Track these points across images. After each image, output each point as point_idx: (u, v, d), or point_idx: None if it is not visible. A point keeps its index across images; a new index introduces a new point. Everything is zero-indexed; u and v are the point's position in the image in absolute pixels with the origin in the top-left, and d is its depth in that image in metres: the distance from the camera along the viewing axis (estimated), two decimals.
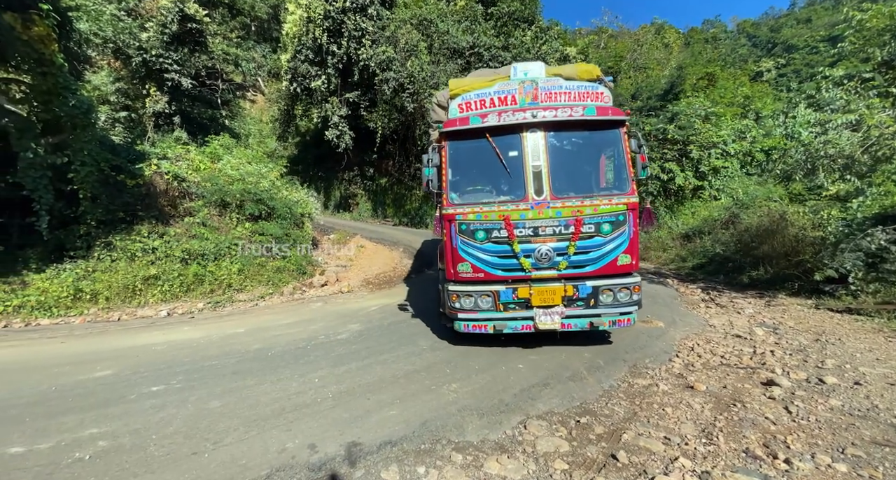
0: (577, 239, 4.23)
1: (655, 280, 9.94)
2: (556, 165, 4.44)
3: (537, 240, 4.29)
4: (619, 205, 4.25)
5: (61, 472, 2.69)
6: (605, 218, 4.24)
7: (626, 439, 2.98)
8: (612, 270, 4.30)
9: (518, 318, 4.44)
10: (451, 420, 3.29)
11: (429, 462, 2.75)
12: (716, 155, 15.17)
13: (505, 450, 2.88)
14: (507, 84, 4.74)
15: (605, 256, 4.28)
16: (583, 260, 4.30)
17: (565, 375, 4.16)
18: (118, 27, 13.36)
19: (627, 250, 4.28)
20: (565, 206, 4.26)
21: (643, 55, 32.38)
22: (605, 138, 4.58)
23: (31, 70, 7.86)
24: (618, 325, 4.39)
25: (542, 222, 4.27)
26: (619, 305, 4.35)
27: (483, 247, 4.42)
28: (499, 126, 4.43)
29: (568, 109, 4.35)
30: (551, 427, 3.18)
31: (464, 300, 4.50)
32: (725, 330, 5.75)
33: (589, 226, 4.25)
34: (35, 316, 6.89)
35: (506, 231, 4.29)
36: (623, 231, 4.26)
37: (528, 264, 4.30)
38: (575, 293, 4.33)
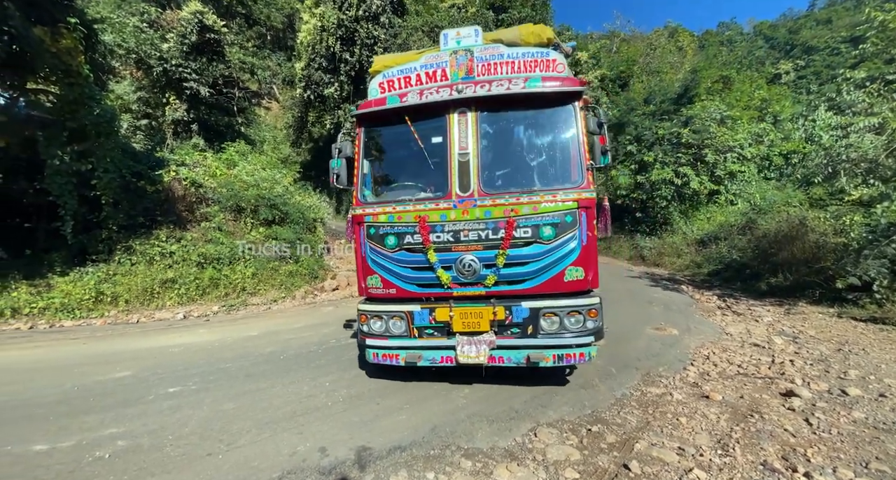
0: (507, 246, 3.37)
1: (669, 286, 9.77)
2: (489, 153, 3.66)
3: (459, 247, 3.49)
4: (567, 203, 3.35)
5: (82, 470, 2.77)
6: (546, 219, 3.35)
7: (638, 449, 2.93)
8: (558, 288, 3.41)
9: (436, 347, 3.60)
10: (460, 427, 3.28)
11: (438, 468, 2.75)
12: (732, 159, 14.89)
13: (515, 458, 2.86)
14: (436, 56, 3.85)
15: (548, 269, 3.39)
16: (517, 273, 3.45)
17: (576, 382, 4.11)
18: (140, 38, 13.84)
19: (579, 261, 3.36)
20: (496, 205, 3.44)
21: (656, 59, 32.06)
22: (554, 117, 3.64)
23: (58, 81, 8.21)
24: (566, 362, 3.39)
25: (466, 225, 3.48)
26: (567, 334, 3.40)
27: (395, 257, 3.65)
28: (420, 106, 3.63)
29: (505, 82, 3.50)
30: (562, 435, 3.15)
31: (373, 322, 3.73)
32: (742, 338, 5.61)
33: (525, 230, 3.39)
34: (59, 318, 7.12)
35: (420, 236, 3.52)
36: (572, 236, 3.35)
37: (447, 278, 3.51)
38: (508, 317, 3.46)
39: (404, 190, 3.91)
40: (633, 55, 32.35)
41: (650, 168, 15.49)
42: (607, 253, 17.05)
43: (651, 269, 12.97)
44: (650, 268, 13.21)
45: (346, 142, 3.93)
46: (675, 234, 14.67)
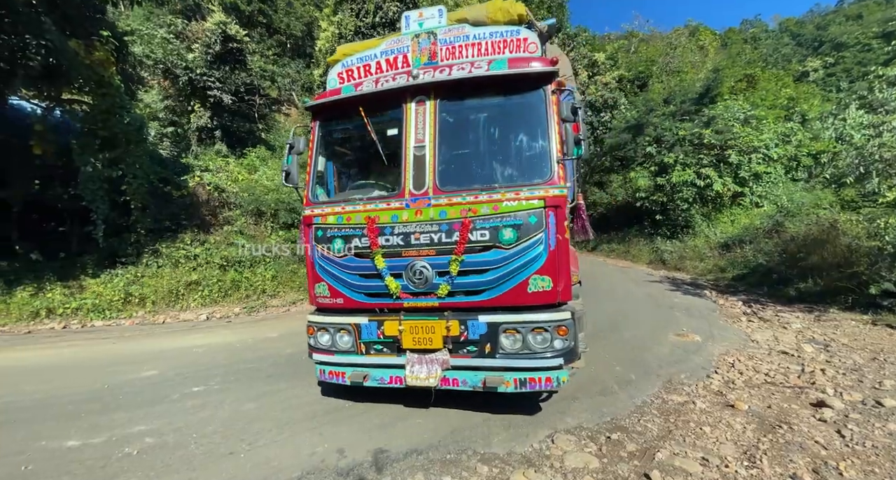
0: (462, 251, 2.99)
1: (691, 291, 9.52)
2: (449, 146, 3.29)
3: (410, 252, 3.14)
4: (531, 201, 2.95)
5: (112, 466, 2.88)
6: (507, 220, 2.95)
7: (660, 458, 2.86)
8: (521, 300, 2.99)
9: (384, 366, 3.28)
10: (476, 431, 3.27)
11: (454, 473, 2.75)
12: (757, 160, 14.44)
13: (532, 464, 2.83)
14: (397, 41, 3.53)
15: (509, 278, 2.97)
16: (474, 283, 3.05)
17: (595, 389, 4.05)
18: (167, 49, 14.41)
19: (545, 269, 2.91)
20: (452, 204, 3.05)
21: (676, 58, 31.39)
22: (523, 103, 3.24)
23: (92, 91, 8.62)
24: (529, 387, 2.99)
25: (418, 226, 3.11)
26: (531, 356, 2.97)
27: (342, 263, 3.32)
28: (375, 95, 3.32)
29: (467, 66, 3.16)
30: (580, 442, 3.10)
31: (320, 335, 3.43)
32: (770, 345, 5.42)
33: (482, 233, 2.99)
34: (90, 318, 7.43)
35: (368, 239, 3.21)
36: (536, 240, 2.92)
37: (395, 287, 3.15)
38: (463, 333, 3.06)
39: (360, 189, 3.63)
40: (652, 55, 31.79)
41: (670, 169, 15.15)
42: (626, 257, 16.74)
43: (672, 273, 12.66)
44: (671, 273, 12.89)
45: (300, 138, 3.61)
46: (697, 237, 14.29)
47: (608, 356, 5.03)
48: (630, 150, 20.32)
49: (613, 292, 9.56)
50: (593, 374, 4.42)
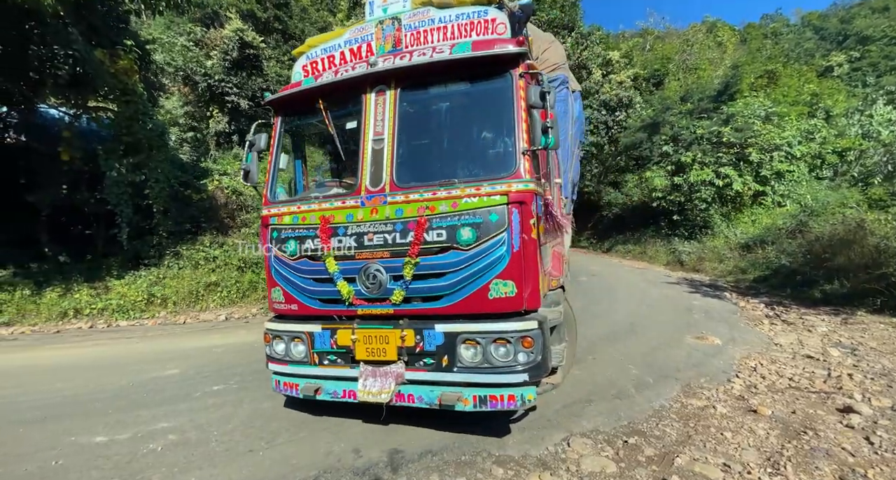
0: (416, 252, 2.76)
1: (711, 293, 9.30)
2: (409, 139, 3.11)
3: (363, 254, 2.93)
4: (492, 197, 2.69)
5: (138, 462, 2.98)
6: (465, 218, 2.71)
7: (679, 463, 2.81)
8: (480, 307, 2.72)
9: (337, 378, 3.07)
10: (490, 433, 3.26)
11: (469, 474, 2.75)
12: (779, 158, 14.04)
13: (547, 467, 2.81)
14: (361, 29, 3.36)
15: (468, 283, 2.71)
16: (430, 288, 2.80)
17: (611, 392, 4.00)
18: (187, 56, 14.83)
19: (508, 273, 2.65)
20: (409, 201, 2.84)
21: (693, 55, 30.76)
22: (489, 90, 3.00)
23: (116, 99, 8.92)
24: (490, 406, 2.71)
25: (372, 226, 2.91)
26: (492, 370, 2.69)
27: (296, 266, 3.15)
28: (334, 86, 3.15)
29: (428, 51, 2.96)
30: (596, 445, 3.07)
31: (275, 343, 3.28)
32: (794, 349, 5.26)
33: (439, 233, 2.75)
34: (115, 318, 7.68)
35: (320, 240, 3.02)
36: (497, 240, 2.66)
37: (348, 292, 2.94)
38: (418, 343, 2.81)
39: (321, 187, 3.48)
40: (668, 53, 31.23)
41: (688, 169, 14.85)
42: (642, 258, 16.46)
43: (690, 275, 12.39)
44: (689, 274, 12.62)
45: (261, 135, 3.46)
46: (717, 238, 13.96)
47: (624, 358, 4.95)
48: (646, 150, 20.00)
49: (629, 293, 9.41)
50: (609, 377, 4.36)
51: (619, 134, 22.30)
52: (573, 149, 6.03)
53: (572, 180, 6.52)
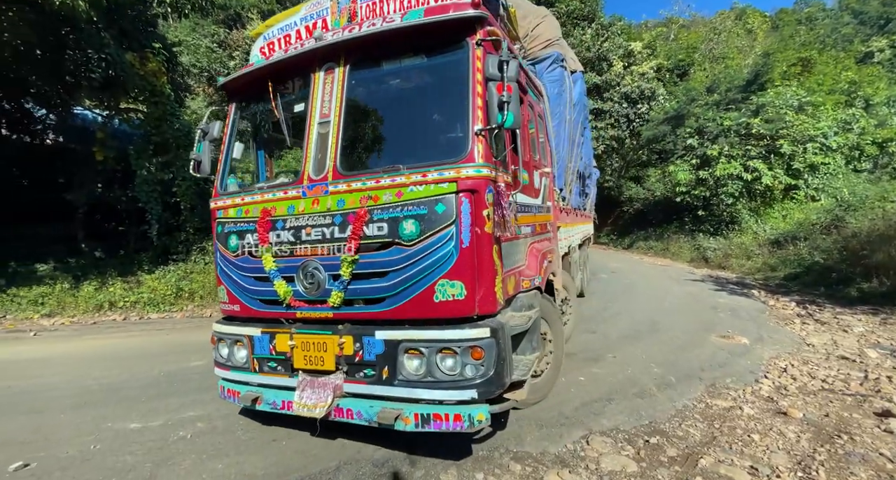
0: (354, 248, 2.47)
1: (737, 290, 9.00)
2: (355, 121, 2.83)
3: (301, 250, 2.66)
4: (440, 185, 2.36)
5: (169, 448, 3.11)
6: (409, 210, 2.40)
7: (703, 465, 2.74)
8: (426, 311, 2.41)
9: (277, 387, 2.83)
10: (508, 429, 3.25)
11: (487, 469, 2.75)
12: (813, 150, 13.40)
13: (566, 465, 2.79)
14: (317, 3, 3.10)
15: (411, 284, 2.39)
16: (371, 289, 2.50)
17: (631, 391, 3.92)
18: (211, 57, 15.26)
19: (456, 273, 2.32)
20: (351, 190, 2.54)
21: (721, 44, 29.54)
22: (444, 63, 2.68)
23: (146, 100, 9.26)
24: (434, 426, 2.37)
25: (310, 219, 2.64)
26: (436, 385, 2.37)
27: (237, 262, 2.94)
28: (282, 65, 2.90)
29: (378, 21, 2.68)
30: (616, 444, 3.02)
31: (220, 346, 3.07)
32: (828, 350, 5.03)
33: (379, 226, 2.45)
34: (147, 311, 8.02)
35: (258, 234, 2.82)
36: (444, 234, 2.33)
37: (285, 292, 2.69)
38: (358, 352, 2.52)
39: (279, 177, 3.30)
40: (694, 42, 30.12)
41: (714, 162, 14.35)
42: (665, 255, 16.07)
43: (715, 272, 12.01)
44: (714, 271, 12.23)
45: (215, 123, 3.27)
46: (745, 234, 13.47)
47: (645, 357, 4.86)
48: (669, 143, 19.42)
49: (651, 291, 9.19)
50: (630, 375, 4.28)
51: (641, 127, 21.73)
52: (573, 136, 5.48)
53: (576, 170, 5.99)
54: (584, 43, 21.74)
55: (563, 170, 4.94)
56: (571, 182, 5.64)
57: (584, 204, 7.72)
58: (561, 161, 4.76)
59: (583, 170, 6.81)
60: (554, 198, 4.47)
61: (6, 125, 10.74)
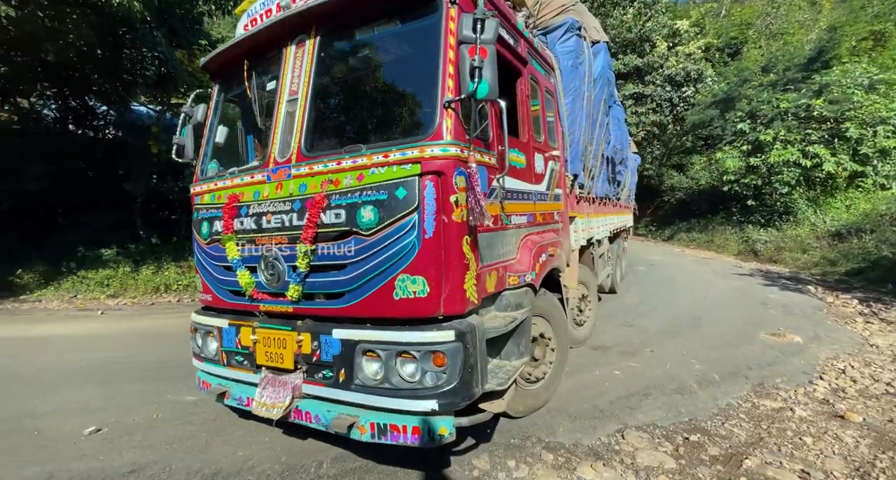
0: (310, 237, 2.27)
1: (791, 286, 8.42)
2: (324, 98, 2.65)
3: (263, 238, 2.51)
4: (402, 166, 2.10)
5: (220, 420, 3.35)
6: (368, 195, 2.16)
7: (749, 466, 2.62)
8: (385, 309, 2.16)
9: (243, 382, 2.70)
10: (540, 419, 3.25)
11: (519, 457, 2.77)
12: (885, 133, 12.16)
13: (600, 457, 2.76)
14: None
15: (370, 278, 2.16)
16: (330, 283, 2.29)
17: (670, 387, 3.79)
18: None
19: (417, 267, 2.07)
20: (313, 173, 2.33)
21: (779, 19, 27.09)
22: (416, 28, 2.44)
23: None
24: (391, 437, 2.15)
25: (272, 205, 2.47)
26: (394, 392, 2.12)
27: (208, 250, 2.85)
28: (254, 39, 2.71)
29: None
30: (653, 440, 2.95)
31: (196, 337, 2.98)
32: (894, 351, 4.63)
33: (337, 213, 2.23)
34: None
35: (222, 221, 2.69)
36: (405, 223, 2.07)
37: (247, 283, 2.56)
38: (315, 351, 2.32)
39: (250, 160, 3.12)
40: (748, 17, 27.83)
41: (767, 148, 13.35)
42: (709, 247, 15.26)
43: (765, 266, 11.27)
44: (764, 265, 11.48)
45: (199, 106, 3.13)
46: (801, 226, 12.52)
47: (686, 353, 4.67)
48: (717, 128, 18.24)
49: (693, 284, 8.78)
50: (669, 371, 4.14)
51: (686, 111, 20.51)
52: (594, 115, 4.77)
53: (600, 154, 5.26)
54: (624, 23, 20.66)
55: (580, 154, 4.33)
56: (593, 167, 5.02)
57: (615, 192, 7.00)
58: (575, 144, 4.20)
59: (611, 155, 6.04)
60: (566, 184, 4.03)
61: (72, 121, 11.68)
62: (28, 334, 6.06)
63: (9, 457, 2.80)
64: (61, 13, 7.29)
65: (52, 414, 3.42)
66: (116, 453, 2.85)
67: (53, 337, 5.89)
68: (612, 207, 6.97)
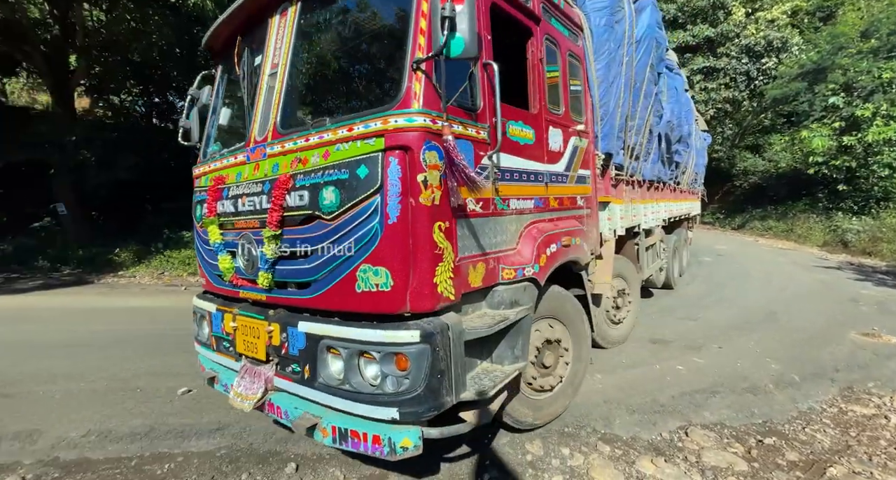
0: (275, 221, 2.10)
1: (888, 281, 7.45)
2: (301, 70, 2.45)
3: (240, 222, 2.39)
4: (366, 141, 1.85)
5: None
6: (329, 174, 1.94)
7: (833, 474, 2.40)
8: (348, 303, 1.95)
9: (229, 369, 2.59)
10: (595, 410, 3.18)
11: (573, 446, 2.74)
12: None
13: (661, 453, 2.66)
14: None
15: (333, 267, 1.95)
16: (296, 271, 2.11)
17: (741, 386, 3.54)
18: None
19: (379, 257, 1.83)
20: (285, 152, 2.14)
21: None
22: None
23: None
24: (351, 444, 1.94)
25: (249, 186, 2.33)
26: (353, 396, 1.91)
27: (200, 233, 2.78)
28: (243, 11, 2.53)
29: None
30: (722, 440, 2.78)
31: (195, 320, 2.91)
32: None
33: (300, 195, 2.04)
34: None
35: (206, 204, 2.61)
36: (367, 206, 1.83)
37: (227, 268, 2.48)
38: (283, 343, 2.16)
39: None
40: None
41: (865, 125, 11.67)
42: (788, 237, 13.84)
43: (857, 259, 10.01)
44: (856, 257, 10.20)
45: (204, 88, 3.04)
46: None
47: (760, 350, 4.32)
48: (803, 103, 16.22)
49: (769, 277, 8.04)
50: (740, 369, 3.86)
51: (766, 86, 18.40)
52: (636, 82, 4.11)
53: (646, 130, 4.53)
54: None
55: (616, 130, 3.73)
56: (637, 145, 4.38)
57: (672, 175, 6.16)
58: (610, 117, 3.60)
59: (665, 131, 5.22)
60: (595, 164, 3.50)
61: (156, 115, 12.91)
62: (128, 305, 6.93)
63: (117, 410, 3.25)
64: (145, 15, 8.02)
65: (150, 375, 3.90)
66: (204, 412, 3.20)
67: (148, 308, 6.69)
68: (669, 192, 6.30)
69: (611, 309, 4.26)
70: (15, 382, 3.75)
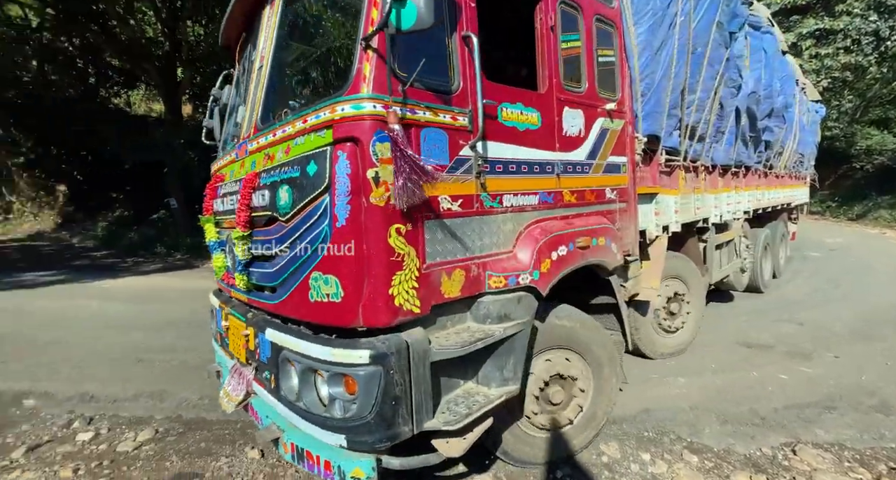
0: (243, 222, 1.99)
1: None
2: (282, 61, 2.30)
3: (228, 220, 2.29)
4: (317, 133, 1.65)
5: None
6: (285, 171, 1.78)
7: None
8: (305, 312, 1.80)
9: (226, 367, 2.51)
10: (680, 416, 2.93)
11: (654, 452, 2.56)
12: None
13: (762, 470, 2.37)
14: None
15: (290, 273, 1.81)
16: (262, 274, 2.03)
17: (868, 403, 3.02)
18: None
19: (327, 264, 1.64)
20: (260, 148, 2.01)
21: None
22: None
23: None
24: (307, 465, 1.80)
25: (230, 185, 2.30)
26: (306, 414, 1.75)
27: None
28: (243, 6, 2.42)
29: None
30: (841, 463, 2.40)
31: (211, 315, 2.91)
32: None
33: (262, 194, 1.92)
34: None
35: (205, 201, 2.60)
36: (315, 207, 1.65)
37: (219, 266, 2.47)
38: (257, 348, 2.05)
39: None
40: None
41: None
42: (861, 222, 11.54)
43: None
44: None
45: (226, 88, 2.99)
46: None
47: (891, 362, 3.65)
48: None
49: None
50: (863, 383, 3.31)
51: None
52: (696, 46, 3.40)
53: (714, 105, 3.82)
54: None
55: (661, 105, 3.13)
56: (700, 123, 3.69)
57: (760, 158, 5.23)
58: (656, 91, 3.04)
59: (746, 105, 4.31)
60: (634, 150, 2.96)
61: None
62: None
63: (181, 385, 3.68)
64: None
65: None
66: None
67: None
68: (756, 179, 5.33)
69: (662, 316, 3.75)
70: (148, 350, 4.41)
